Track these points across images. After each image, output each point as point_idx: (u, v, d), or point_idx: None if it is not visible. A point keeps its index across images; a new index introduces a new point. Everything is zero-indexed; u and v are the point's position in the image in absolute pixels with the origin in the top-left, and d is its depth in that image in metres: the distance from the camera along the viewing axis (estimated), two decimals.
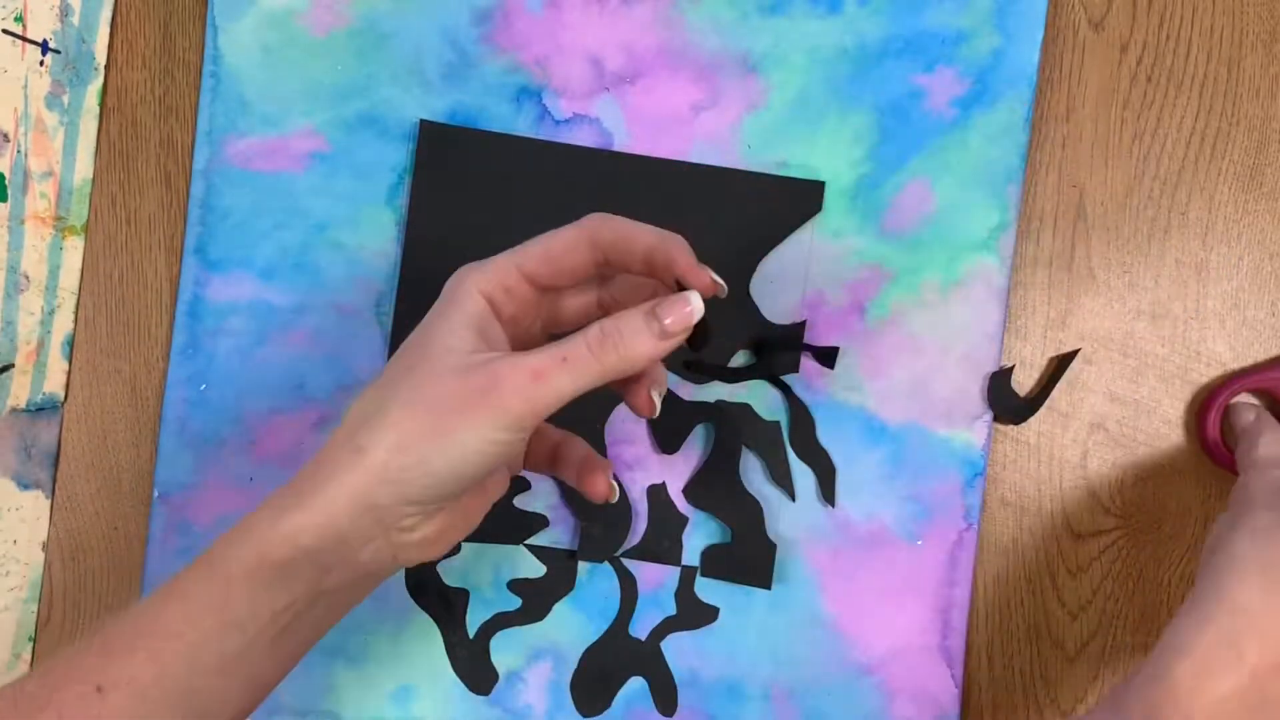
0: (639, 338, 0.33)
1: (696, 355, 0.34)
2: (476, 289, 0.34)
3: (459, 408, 0.31)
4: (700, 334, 0.34)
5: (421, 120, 0.46)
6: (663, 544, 0.47)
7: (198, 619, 0.32)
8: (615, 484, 0.38)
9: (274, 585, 0.33)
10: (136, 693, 0.32)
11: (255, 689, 0.35)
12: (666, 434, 0.47)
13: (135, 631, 0.32)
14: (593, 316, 0.37)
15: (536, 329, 0.37)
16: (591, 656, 0.47)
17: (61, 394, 0.47)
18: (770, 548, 0.46)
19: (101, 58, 0.47)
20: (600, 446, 0.47)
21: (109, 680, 0.32)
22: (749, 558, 0.46)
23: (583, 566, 0.47)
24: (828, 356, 0.47)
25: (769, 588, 0.46)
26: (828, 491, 0.47)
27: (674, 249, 0.34)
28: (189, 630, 0.32)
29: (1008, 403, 0.47)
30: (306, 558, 0.32)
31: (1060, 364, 0.47)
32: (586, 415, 0.47)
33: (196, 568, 0.33)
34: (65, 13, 0.46)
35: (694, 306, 0.33)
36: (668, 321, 0.33)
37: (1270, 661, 0.33)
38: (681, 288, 0.34)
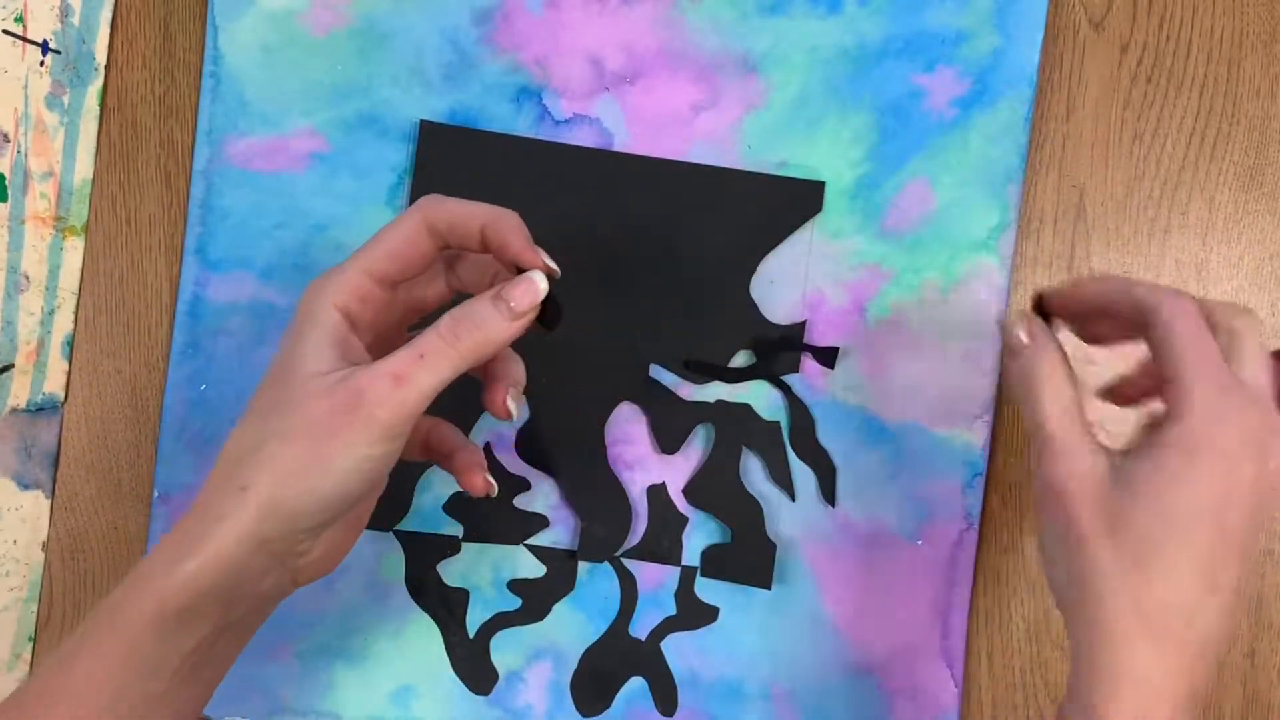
0: (490, 322, 0.33)
1: (550, 331, 0.34)
2: (330, 304, 0.34)
3: (330, 431, 0.32)
4: (551, 312, 0.34)
5: (422, 120, 0.46)
6: (663, 544, 0.47)
7: (112, 671, 0.32)
8: (491, 480, 0.39)
9: (179, 630, 0.32)
10: None
11: (180, 718, 0.34)
12: (666, 434, 0.47)
13: (51, 690, 0.32)
14: (446, 301, 0.37)
15: (396, 326, 0.37)
16: (591, 656, 0.47)
17: (61, 394, 0.47)
18: (770, 548, 0.46)
19: (101, 58, 0.47)
20: (600, 446, 0.47)
21: None
22: (749, 558, 0.46)
23: (583, 566, 0.47)
24: (828, 356, 0.47)
25: (769, 588, 0.46)
26: (828, 491, 0.47)
27: (507, 230, 0.35)
28: (105, 683, 0.32)
29: None
30: (207, 599, 0.32)
31: None
32: (586, 415, 0.47)
33: (100, 620, 0.32)
34: (65, 13, 0.46)
35: (538, 285, 0.34)
36: (513, 304, 0.33)
37: (1184, 699, 0.32)
38: (520, 270, 0.35)
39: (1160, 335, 0.34)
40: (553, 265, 0.35)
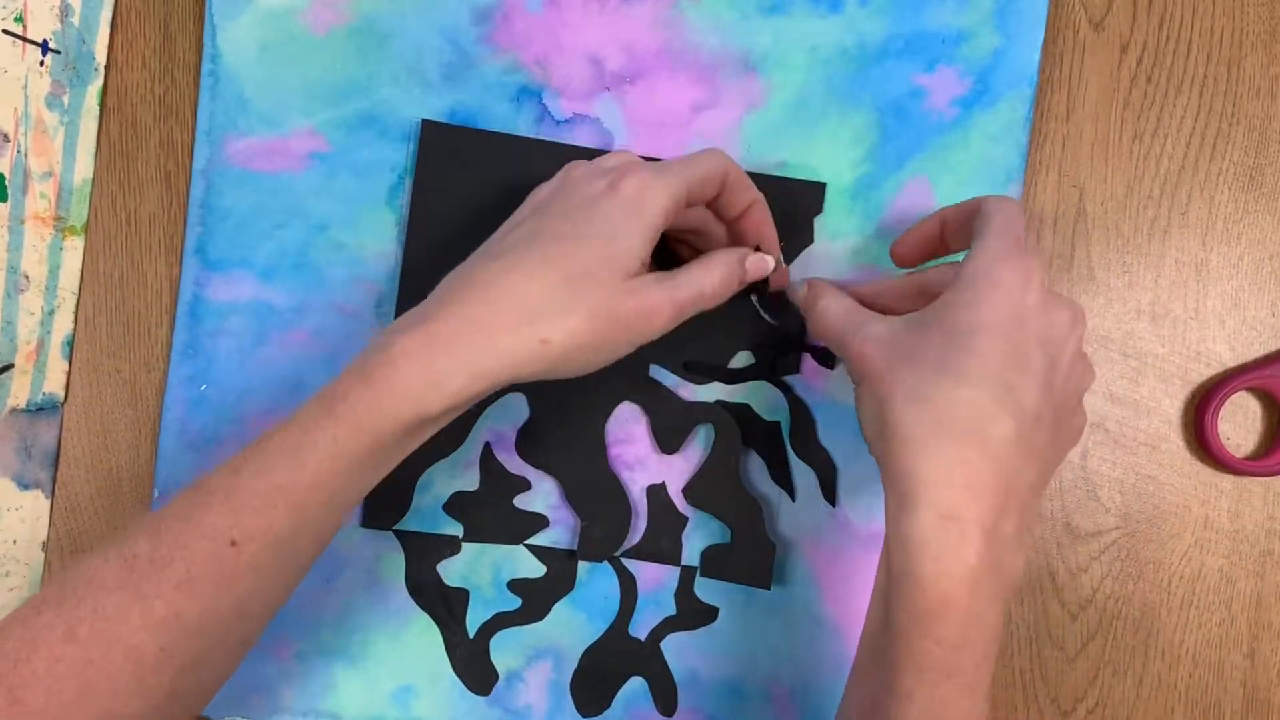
0: (731, 280, 0.40)
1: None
2: (662, 206, 0.37)
3: (627, 326, 0.37)
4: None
5: (423, 120, 0.46)
6: (663, 544, 0.47)
7: (337, 470, 0.35)
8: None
9: (414, 436, 0.36)
10: (270, 542, 0.34)
11: (353, 511, 0.38)
12: (666, 434, 0.47)
13: (267, 485, 0.34)
14: None
15: None
16: (591, 656, 0.47)
17: (61, 394, 0.47)
18: (769, 548, 0.46)
19: (101, 58, 0.47)
20: (600, 446, 0.47)
21: (244, 534, 0.33)
22: (748, 558, 0.46)
23: (583, 566, 0.47)
24: (827, 357, 0.47)
25: (768, 588, 0.46)
26: (829, 492, 0.47)
27: (766, 220, 0.42)
28: (326, 481, 0.34)
29: None
30: (454, 411, 0.36)
31: None
32: (586, 415, 0.47)
33: (325, 421, 0.34)
34: (65, 13, 0.46)
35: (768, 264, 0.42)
36: (749, 268, 0.41)
37: (988, 511, 0.33)
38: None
39: (979, 218, 0.38)
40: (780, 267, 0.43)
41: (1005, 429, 0.34)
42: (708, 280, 0.39)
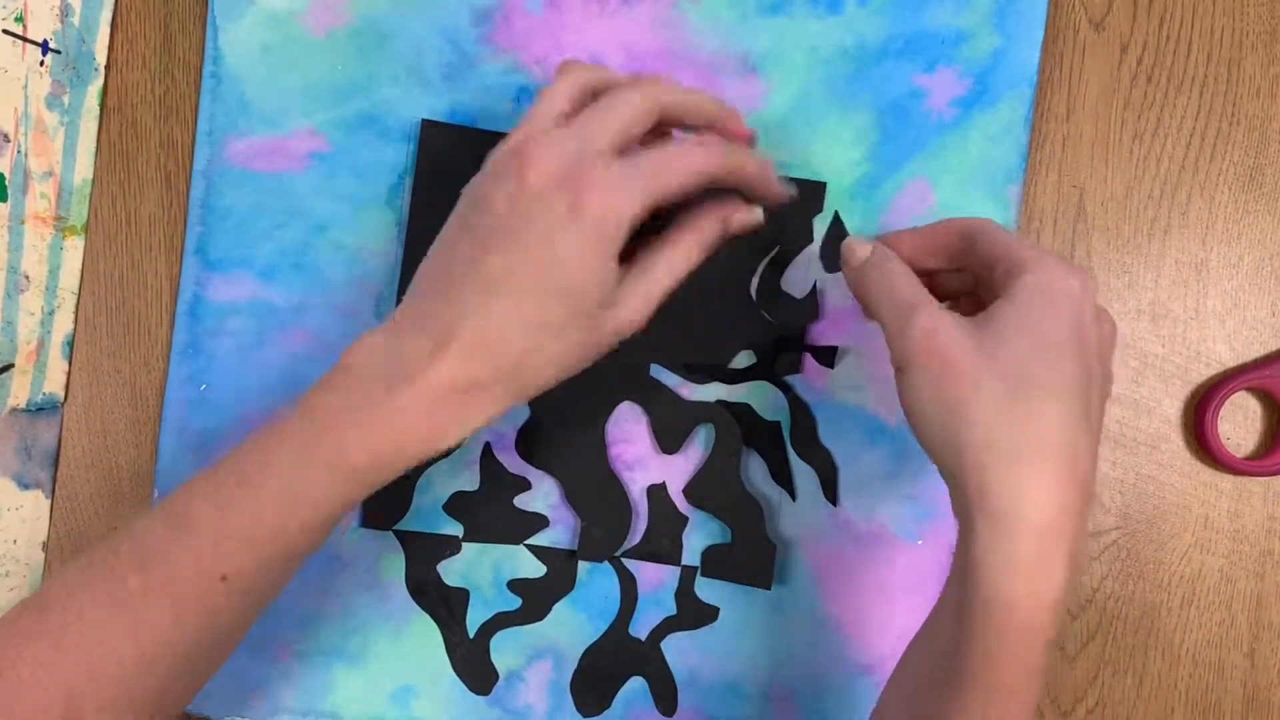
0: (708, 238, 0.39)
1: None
2: (631, 220, 0.35)
3: (603, 345, 0.37)
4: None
5: (423, 120, 0.46)
6: (663, 544, 0.47)
7: (338, 514, 0.35)
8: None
9: (396, 471, 0.36)
10: (261, 577, 0.35)
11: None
12: (667, 434, 0.47)
13: (263, 530, 0.34)
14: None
15: None
16: (591, 656, 0.47)
17: (61, 394, 0.47)
18: (770, 548, 0.46)
19: (102, 58, 0.47)
20: (600, 446, 0.47)
21: (234, 571, 0.34)
22: (748, 558, 0.46)
23: (583, 566, 0.47)
24: (827, 356, 0.47)
25: (768, 588, 0.46)
26: (830, 491, 0.47)
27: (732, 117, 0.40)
28: (324, 524, 0.35)
29: None
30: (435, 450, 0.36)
31: None
32: (587, 415, 0.47)
33: (332, 477, 0.34)
34: (65, 13, 0.46)
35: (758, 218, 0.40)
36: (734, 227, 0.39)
37: (1076, 532, 0.32)
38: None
39: (985, 238, 0.37)
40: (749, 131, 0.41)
41: (1088, 449, 0.33)
42: (679, 260, 0.37)
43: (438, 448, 0.35)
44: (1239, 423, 0.48)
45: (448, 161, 0.46)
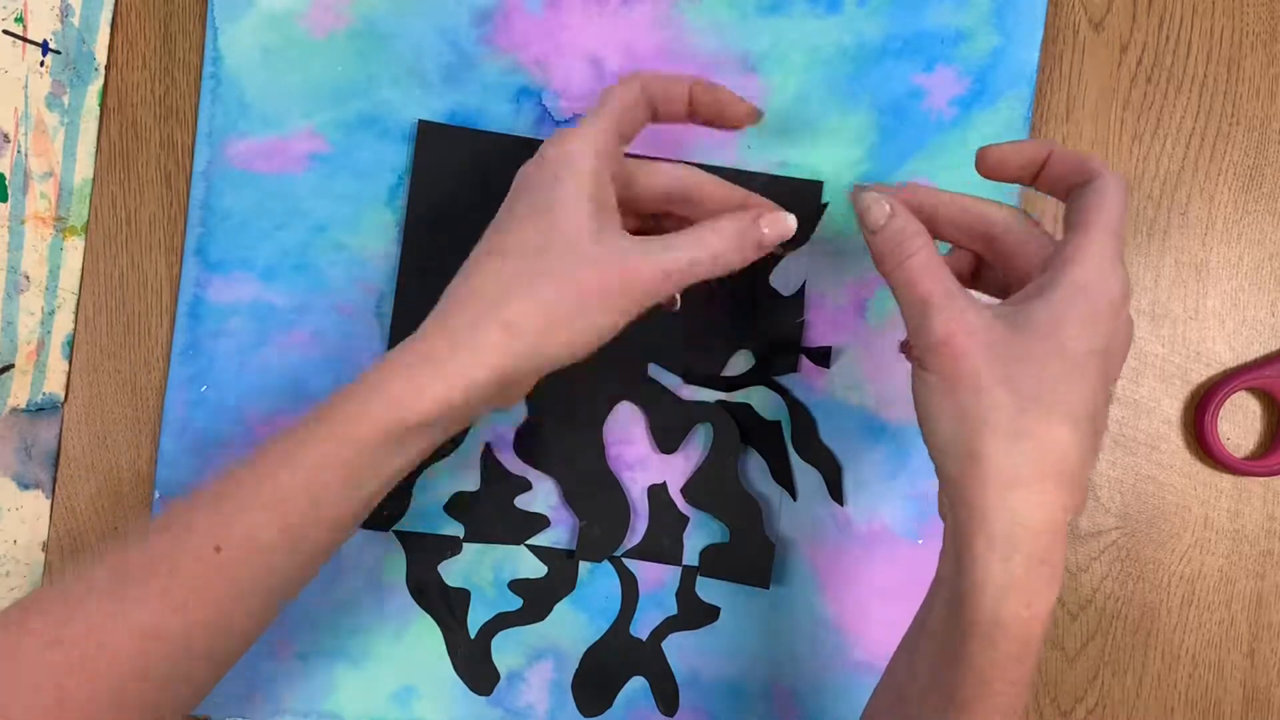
0: (747, 245, 0.37)
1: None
2: (590, 156, 0.35)
3: (601, 296, 0.34)
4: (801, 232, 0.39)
5: (420, 120, 0.46)
6: (663, 544, 0.47)
7: (322, 480, 0.34)
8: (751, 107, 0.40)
9: (399, 447, 0.34)
10: (255, 550, 0.34)
11: (347, 533, 0.36)
12: (666, 433, 0.47)
13: (254, 493, 0.34)
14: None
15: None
16: (592, 656, 0.47)
17: (61, 394, 0.47)
18: (769, 548, 0.46)
19: (102, 58, 0.47)
20: (600, 446, 0.47)
21: (228, 539, 0.33)
22: (747, 557, 0.46)
23: (584, 566, 0.47)
24: (823, 356, 0.47)
25: (767, 587, 0.46)
26: (835, 491, 0.47)
27: (715, 88, 0.38)
28: (312, 490, 0.34)
29: None
30: (442, 422, 0.34)
31: None
32: (586, 415, 0.47)
33: (315, 429, 0.34)
34: (66, 13, 0.46)
35: (790, 224, 0.38)
36: (766, 235, 0.37)
37: (1064, 550, 0.32)
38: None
39: (1093, 190, 0.34)
40: (757, 108, 0.39)
41: (1090, 467, 0.33)
42: (713, 240, 0.36)
43: (407, 407, 0.34)
44: (1239, 423, 0.48)
45: (446, 162, 0.46)
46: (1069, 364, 0.32)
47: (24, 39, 0.46)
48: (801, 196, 0.46)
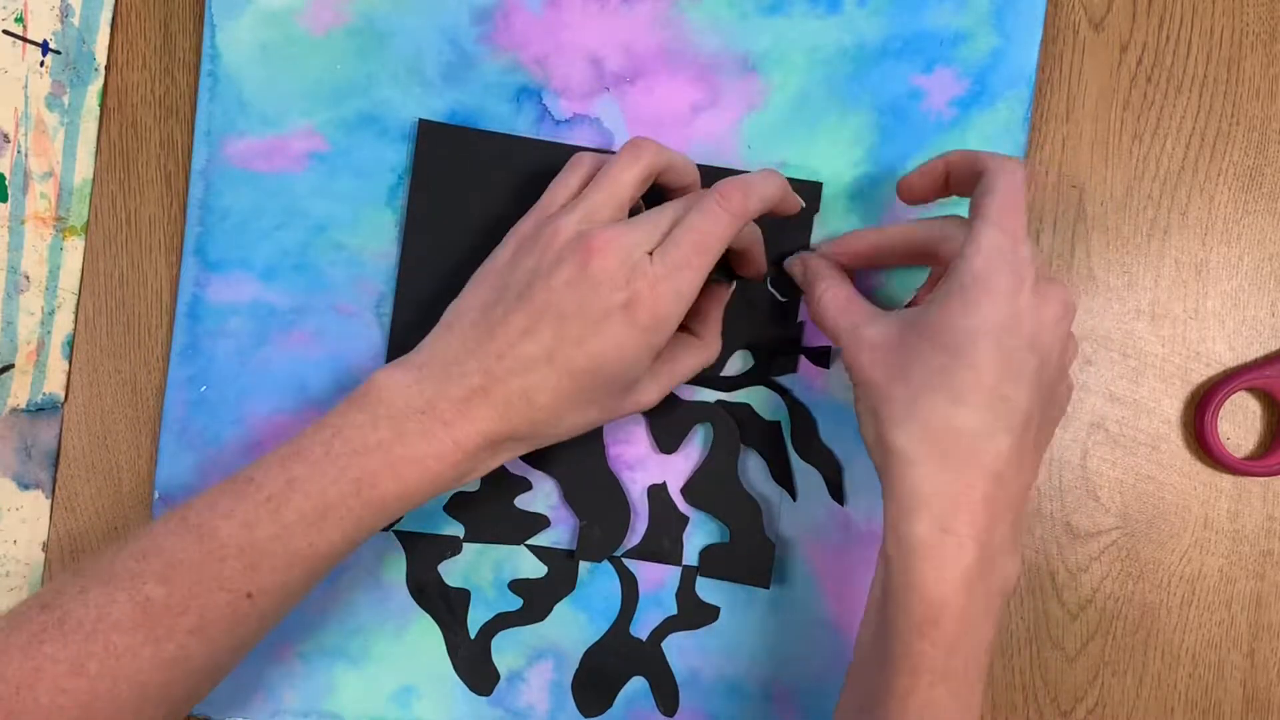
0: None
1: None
2: (677, 320, 0.38)
3: (611, 409, 0.40)
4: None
5: (420, 120, 0.46)
6: (663, 544, 0.47)
7: (362, 540, 0.37)
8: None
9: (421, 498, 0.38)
10: (285, 596, 0.36)
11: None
12: (665, 433, 0.47)
13: (289, 551, 0.35)
14: None
15: None
16: (593, 656, 0.47)
17: (61, 394, 0.47)
18: (769, 548, 0.46)
19: (102, 58, 0.47)
20: (600, 446, 0.47)
21: (260, 589, 0.35)
22: (747, 557, 0.46)
23: (584, 566, 0.47)
24: (822, 356, 0.47)
25: (767, 587, 0.46)
26: (836, 490, 0.47)
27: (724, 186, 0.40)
28: (350, 549, 0.37)
29: None
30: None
31: None
32: None
33: (362, 505, 0.36)
34: (65, 13, 0.46)
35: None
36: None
37: (983, 521, 0.35)
38: None
39: (981, 185, 0.38)
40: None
41: (1001, 445, 0.35)
42: (705, 356, 0.43)
43: (457, 487, 0.39)
44: (1239, 423, 0.48)
45: (446, 161, 0.46)
46: (954, 350, 0.35)
47: (24, 39, 0.46)
48: (801, 196, 0.46)
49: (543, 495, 0.47)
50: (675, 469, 0.47)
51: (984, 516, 0.35)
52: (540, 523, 0.47)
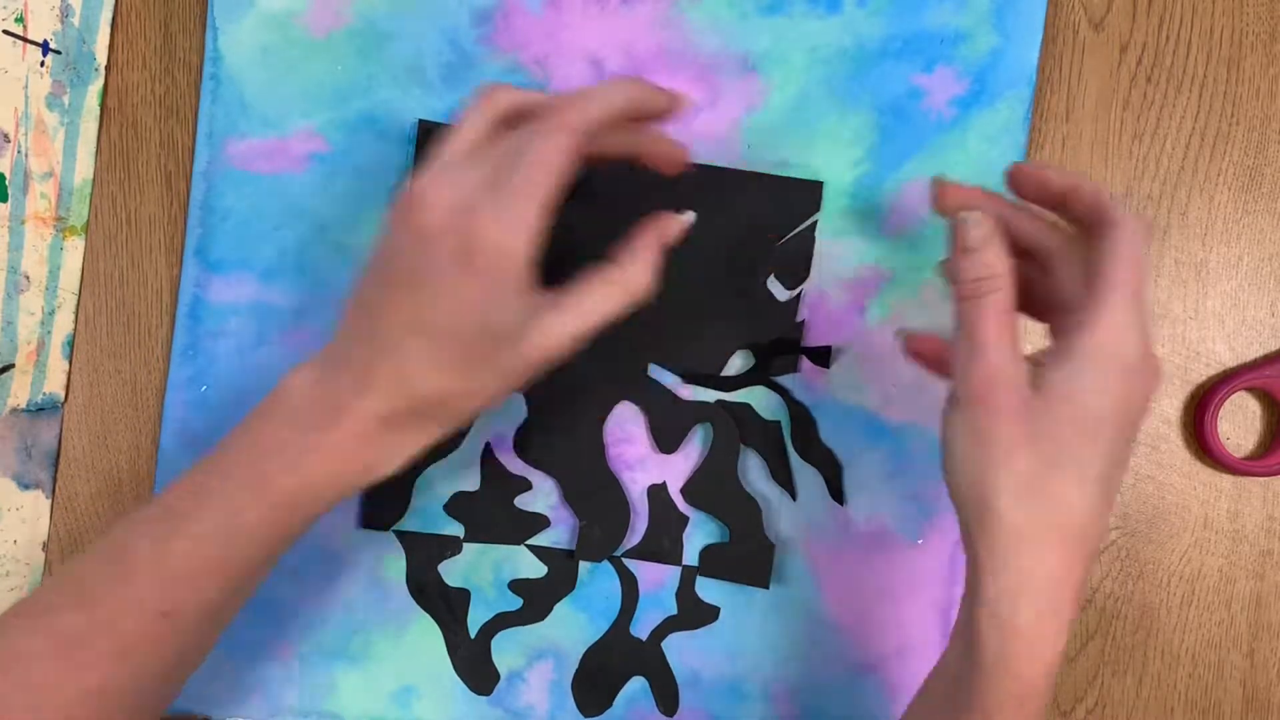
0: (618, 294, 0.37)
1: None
2: (524, 255, 0.34)
3: (511, 364, 0.36)
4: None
5: (420, 120, 0.46)
6: (663, 544, 0.47)
7: (279, 545, 0.36)
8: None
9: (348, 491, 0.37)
10: (204, 613, 0.36)
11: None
12: (665, 433, 0.47)
13: (202, 562, 0.35)
14: None
15: None
16: (593, 656, 0.47)
17: (62, 394, 0.47)
18: (768, 547, 0.46)
19: (102, 58, 0.47)
20: (599, 446, 0.47)
21: (176, 606, 0.35)
22: (747, 557, 0.46)
23: (584, 566, 0.47)
24: (822, 356, 0.47)
25: (766, 587, 0.46)
26: (835, 491, 0.47)
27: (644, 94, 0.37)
28: (267, 556, 0.36)
29: None
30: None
31: None
32: (585, 414, 0.47)
33: (271, 509, 0.35)
34: (66, 13, 0.46)
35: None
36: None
37: (1077, 601, 0.34)
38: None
39: (1109, 245, 0.34)
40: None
41: (1103, 527, 0.34)
42: (611, 296, 0.36)
43: (373, 478, 0.36)
44: (1239, 423, 0.48)
45: None
46: (1085, 428, 0.33)
47: (24, 39, 0.46)
48: (800, 197, 0.46)
49: (543, 495, 0.47)
50: (675, 469, 0.47)
51: (1081, 597, 0.35)
52: (540, 523, 0.47)
